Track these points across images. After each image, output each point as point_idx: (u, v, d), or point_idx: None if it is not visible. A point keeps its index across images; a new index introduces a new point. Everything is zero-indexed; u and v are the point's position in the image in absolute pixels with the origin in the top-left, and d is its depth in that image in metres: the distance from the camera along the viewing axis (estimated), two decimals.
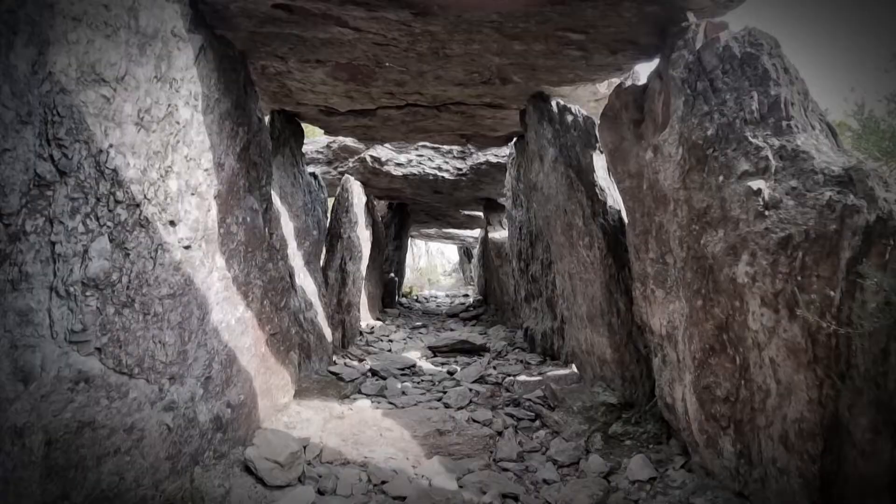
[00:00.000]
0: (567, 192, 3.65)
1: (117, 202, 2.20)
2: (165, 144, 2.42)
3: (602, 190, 3.42)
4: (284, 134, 4.89)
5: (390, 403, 4.46)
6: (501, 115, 4.69)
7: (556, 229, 4.02)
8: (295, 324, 4.83)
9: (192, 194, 2.62)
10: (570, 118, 3.62)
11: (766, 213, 1.75)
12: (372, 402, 4.47)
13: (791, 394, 1.77)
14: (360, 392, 4.79)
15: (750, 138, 1.88)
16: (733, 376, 2.02)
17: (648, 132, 2.59)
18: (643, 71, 3.49)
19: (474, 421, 3.92)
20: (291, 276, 4.86)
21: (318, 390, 4.63)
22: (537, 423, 3.91)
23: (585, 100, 3.89)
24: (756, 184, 1.80)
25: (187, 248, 2.60)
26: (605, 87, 3.78)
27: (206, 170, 2.71)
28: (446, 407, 4.38)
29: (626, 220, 3.50)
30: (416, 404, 4.45)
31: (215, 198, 2.83)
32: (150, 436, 2.40)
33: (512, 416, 4.02)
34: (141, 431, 2.35)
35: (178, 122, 2.49)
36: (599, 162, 3.47)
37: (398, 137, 5.33)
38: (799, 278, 1.63)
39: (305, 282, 5.25)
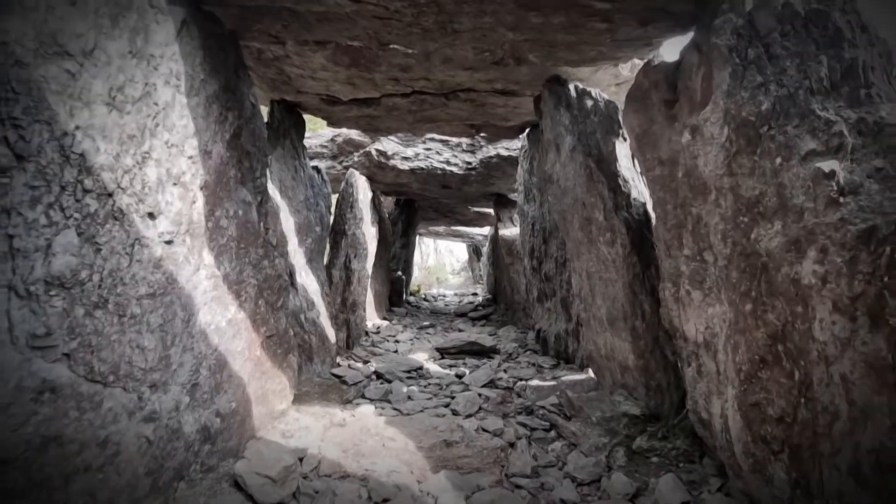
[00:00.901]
0: (586, 183, 3.35)
1: (86, 191, 1.96)
2: (142, 128, 2.18)
3: (625, 181, 3.12)
4: (284, 125, 4.65)
5: (395, 409, 4.21)
6: (514, 102, 4.40)
7: (574, 224, 3.73)
8: (295, 325, 4.60)
9: (175, 184, 2.38)
10: (589, 103, 3.33)
11: (842, 200, 1.45)
12: (376, 407, 4.22)
13: (868, 418, 1.47)
14: (363, 397, 4.54)
15: (818, 111, 1.58)
16: (790, 394, 1.72)
17: (683, 113, 2.29)
18: (668, 52, 3.18)
19: (484, 430, 3.64)
20: (292, 274, 4.63)
21: (320, 395, 4.40)
22: (552, 433, 3.62)
23: (606, 84, 3.59)
24: (827, 165, 1.50)
25: (169, 242, 2.36)
26: (627, 70, 3.47)
27: (190, 157, 2.47)
28: (454, 414, 4.11)
29: (653, 213, 3.20)
30: (422, 411, 4.19)
31: (201, 188, 2.58)
32: (128, 450, 2.17)
33: (525, 425, 3.74)
34: (117, 445, 2.12)
35: (156, 104, 2.25)
36: (622, 150, 3.17)
37: (404, 128, 5.07)
38: (886, 279, 1.33)
39: (307, 280, 5.01)
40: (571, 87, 3.46)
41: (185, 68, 2.42)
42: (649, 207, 3.21)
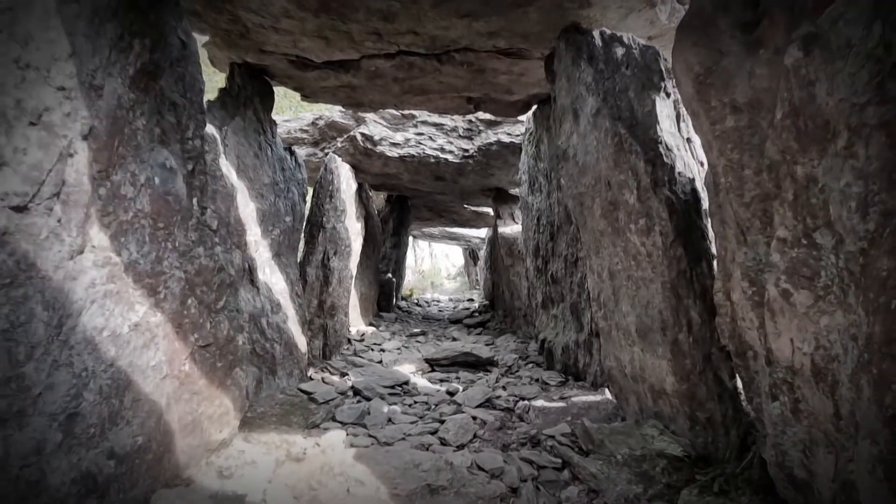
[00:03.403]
0: (613, 155, 2.62)
1: None
2: None
3: (668, 149, 2.40)
4: (246, 92, 3.90)
5: (370, 437, 3.44)
6: (519, 67, 3.68)
7: (594, 211, 2.99)
8: (254, 330, 3.84)
9: (32, 124, 1.63)
10: (619, 51, 2.60)
11: None
12: (347, 434, 3.45)
13: None
14: (333, 419, 3.76)
15: None
16: None
17: (778, 29, 1.57)
18: None
19: (479, 469, 2.87)
20: (251, 269, 3.87)
21: (279, 417, 3.62)
22: (566, 474, 2.85)
23: (637, 34, 2.87)
24: None
25: (20, 209, 1.61)
26: (665, 16, 2.75)
27: (61, 89, 1.71)
28: (442, 444, 3.34)
29: (703, 191, 2.46)
30: (403, 438, 3.42)
31: (85, 138, 1.83)
32: None
33: (530, 462, 2.97)
34: None
35: None
36: (664, 110, 2.45)
37: (390, 102, 4.33)
38: None
39: (273, 278, 4.25)
40: (596, 34, 2.73)
41: None
42: (699, 184, 2.48)
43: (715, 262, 2.35)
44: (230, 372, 2.92)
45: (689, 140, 2.53)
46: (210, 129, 3.48)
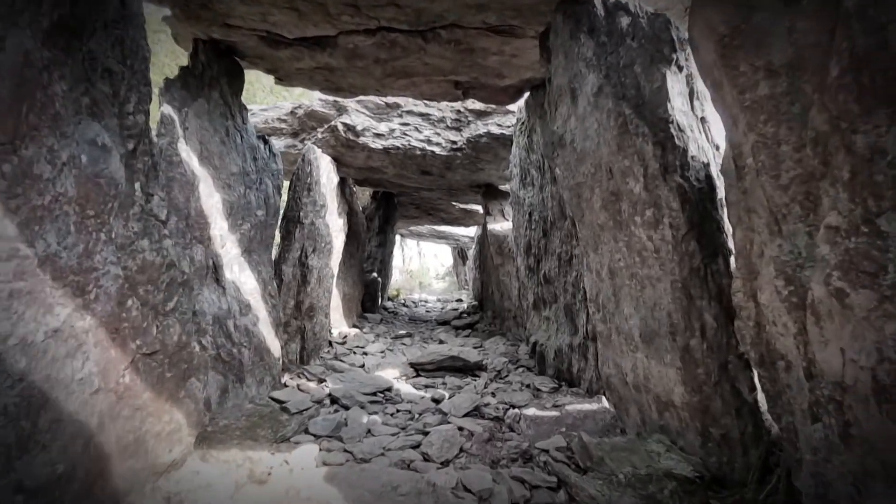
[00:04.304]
0: (617, 139, 2.34)
1: None
2: None
3: (680, 129, 2.12)
4: (211, 71, 3.55)
5: (346, 452, 3.11)
6: (511, 48, 3.38)
7: (593, 203, 2.71)
8: (219, 334, 3.48)
9: None
10: (624, 21, 2.32)
11: None
12: (321, 449, 3.12)
13: None
14: (306, 431, 3.42)
15: None
16: None
17: None
18: None
19: (465, 489, 2.57)
20: (217, 266, 3.51)
21: (245, 430, 3.26)
22: (561, 494, 2.56)
23: (645, 1, 2.59)
24: None
25: None
26: None
27: None
28: (425, 460, 3.03)
29: (718, 178, 2.19)
30: (382, 454, 3.10)
31: None
32: None
33: (522, 481, 2.67)
34: None
35: None
36: (676, 86, 2.16)
37: (372, 87, 4.01)
38: None
39: (242, 276, 3.90)
40: (597, 1, 2.45)
41: None
42: (714, 170, 2.20)
43: (733, 259, 2.07)
44: (183, 382, 2.58)
45: (703, 120, 2.26)
46: (168, 109, 3.13)
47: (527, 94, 4.15)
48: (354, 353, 6.13)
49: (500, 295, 7.32)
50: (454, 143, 5.55)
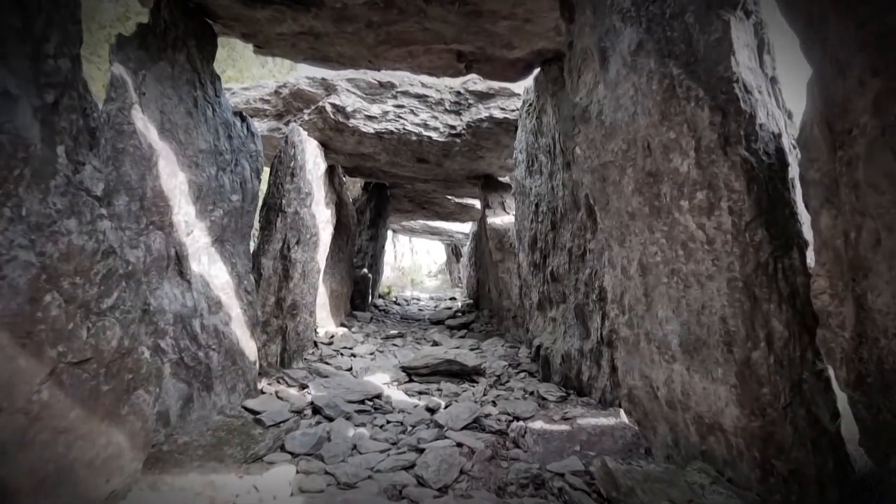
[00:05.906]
0: (660, 105, 1.91)
1: None
2: None
3: (747, 90, 1.69)
4: (176, 31, 3.06)
5: (328, 474, 2.67)
6: (524, 10, 2.95)
7: (623, 186, 2.28)
8: (182, 335, 3.02)
9: None
10: None
11: None
12: (298, 470, 2.68)
13: None
14: (282, 448, 2.97)
15: None
16: None
17: None
18: None
19: None
20: (180, 257, 3.04)
21: (209, 448, 2.80)
22: None
23: None
24: None
25: None
26: None
27: None
28: (420, 484, 2.60)
29: (795, 151, 1.77)
30: (369, 476, 2.67)
31: None
32: None
33: None
34: None
35: None
36: (741, 36, 1.73)
37: (363, 56, 3.55)
38: None
39: (213, 269, 3.43)
40: None
41: None
42: (785, 143, 1.78)
43: (811, 251, 1.66)
44: (126, 395, 2.11)
45: (773, 80, 1.84)
46: (119, 69, 2.65)
47: (536, 71, 3.71)
48: (342, 354, 5.68)
49: (498, 293, 6.90)
50: (453, 127, 5.10)
